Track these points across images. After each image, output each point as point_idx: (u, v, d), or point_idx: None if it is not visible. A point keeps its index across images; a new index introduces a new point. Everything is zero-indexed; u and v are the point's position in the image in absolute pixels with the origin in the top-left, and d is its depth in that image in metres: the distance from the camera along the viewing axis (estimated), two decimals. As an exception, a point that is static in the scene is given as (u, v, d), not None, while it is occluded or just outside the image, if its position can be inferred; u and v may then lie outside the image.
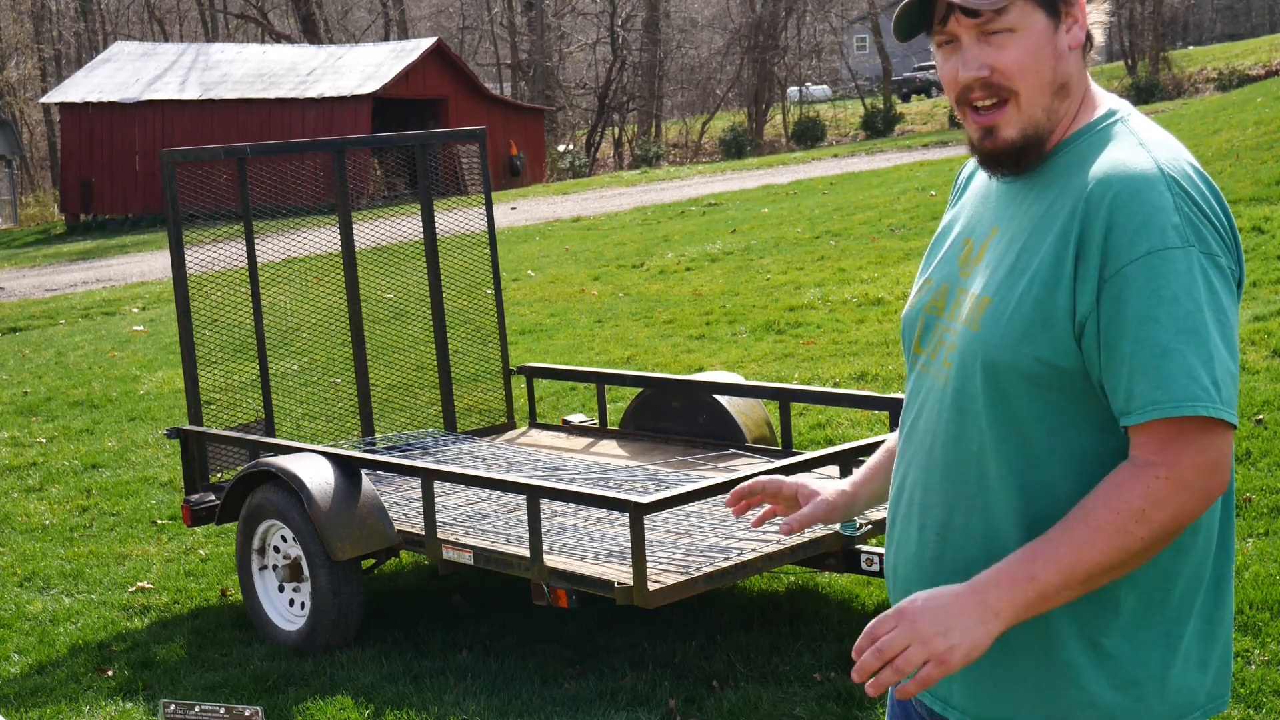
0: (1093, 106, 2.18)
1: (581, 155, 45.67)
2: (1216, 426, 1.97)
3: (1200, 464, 1.97)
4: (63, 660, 5.85)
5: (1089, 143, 2.13)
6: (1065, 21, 2.13)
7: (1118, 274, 2.00)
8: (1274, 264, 9.96)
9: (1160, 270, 1.98)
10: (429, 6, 58.52)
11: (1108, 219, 2.02)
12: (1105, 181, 2.04)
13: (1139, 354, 1.98)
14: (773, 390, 6.48)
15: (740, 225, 18.35)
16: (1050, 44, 2.12)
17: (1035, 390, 2.08)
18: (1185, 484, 1.97)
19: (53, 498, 8.49)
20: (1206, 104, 24.58)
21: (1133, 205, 2.01)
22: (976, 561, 2.14)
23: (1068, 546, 1.98)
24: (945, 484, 2.19)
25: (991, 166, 2.20)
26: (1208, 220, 2.03)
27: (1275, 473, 6.16)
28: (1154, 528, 1.97)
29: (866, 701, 4.70)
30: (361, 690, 5.17)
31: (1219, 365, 1.97)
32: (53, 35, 53.50)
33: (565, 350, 11.21)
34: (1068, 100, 2.15)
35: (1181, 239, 1.99)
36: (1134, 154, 2.07)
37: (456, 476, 5.38)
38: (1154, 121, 2.21)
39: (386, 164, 30.31)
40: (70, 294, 20.34)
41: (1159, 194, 2.01)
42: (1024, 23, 2.11)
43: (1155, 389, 1.97)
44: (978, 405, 2.14)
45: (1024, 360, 2.07)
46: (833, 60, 56.37)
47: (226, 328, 6.81)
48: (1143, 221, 2.00)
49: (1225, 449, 1.99)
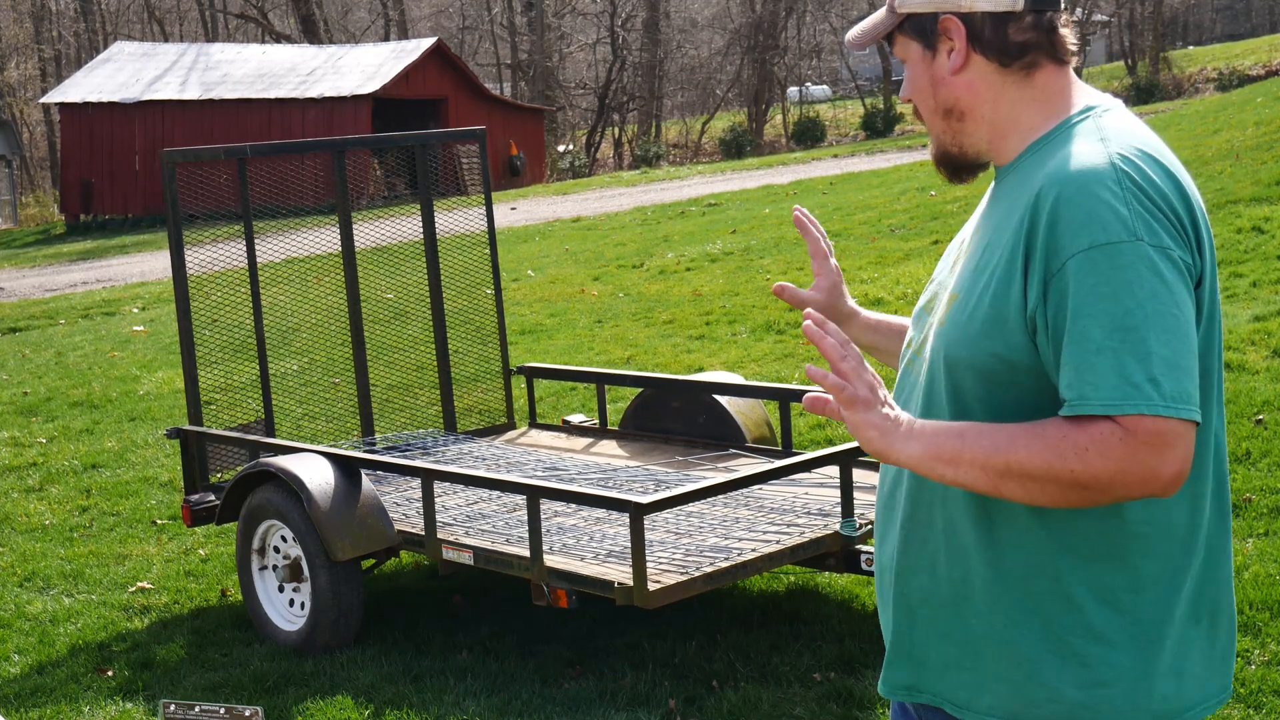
0: (1067, 109, 2.19)
1: (581, 155, 45.67)
2: (1166, 421, 1.94)
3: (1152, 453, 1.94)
4: (63, 660, 5.85)
5: (1056, 141, 2.14)
6: (942, 47, 2.19)
7: (1061, 269, 2.00)
8: (1274, 264, 9.95)
9: (1100, 265, 1.97)
10: (429, 6, 58.52)
11: (1052, 213, 2.02)
12: (1053, 176, 2.05)
13: (1076, 350, 1.97)
14: (773, 390, 6.48)
15: (740, 225, 18.35)
16: (926, 72, 2.21)
17: (990, 387, 2.10)
18: (1136, 457, 1.94)
19: (53, 498, 8.50)
20: (1206, 104, 24.58)
21: (1078, 199, 2.01)
22: (939, 554, 2.18)
23: (1005, 434, 2.00)
24: (911, 478, 2.22)
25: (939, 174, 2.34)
26: (1160, 213, 2.00)
27: (1275, 473, 6.16)
28: (1088, 471, 1.94)
29: (866, 701, 4.70)
30: (361, 690, 5.17)
31: (1157, 361, 1.94)
32: (53, 35, 53.50)
33: (565, 350, 11.21)
34: (969, 122, 2.21)
35: (1129, 233, 1.97)
36: (1089, 148, 2.07)
37: (456, 476, 5.38)
38: (1149, 125, 2.20)
39: (386, 164, 30.33)
40: (70, 294, 20.34)
41: (1105, 187, 2.00)
42: (906, 53, 2.22)
43: (1087, 386, 1.96)
44: (942, 401, 2.17)
45: (981, 356, 2.09)
46: (833, 60, 56.37)
47: (226, 328, 6.81)
48: (1087, 215, 1.99)
49: (1179, 446, 1.95)
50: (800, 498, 5.60)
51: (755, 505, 5.56)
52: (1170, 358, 1.95)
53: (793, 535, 5.11)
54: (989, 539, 2.13)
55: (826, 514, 5.32)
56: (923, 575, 2.21)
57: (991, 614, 2.12)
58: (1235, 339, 8.10)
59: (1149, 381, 1.93)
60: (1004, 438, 2.00)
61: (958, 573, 2.17)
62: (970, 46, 2.17)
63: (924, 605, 2.22)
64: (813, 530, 5.13)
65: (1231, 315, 8.76)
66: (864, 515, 5.13)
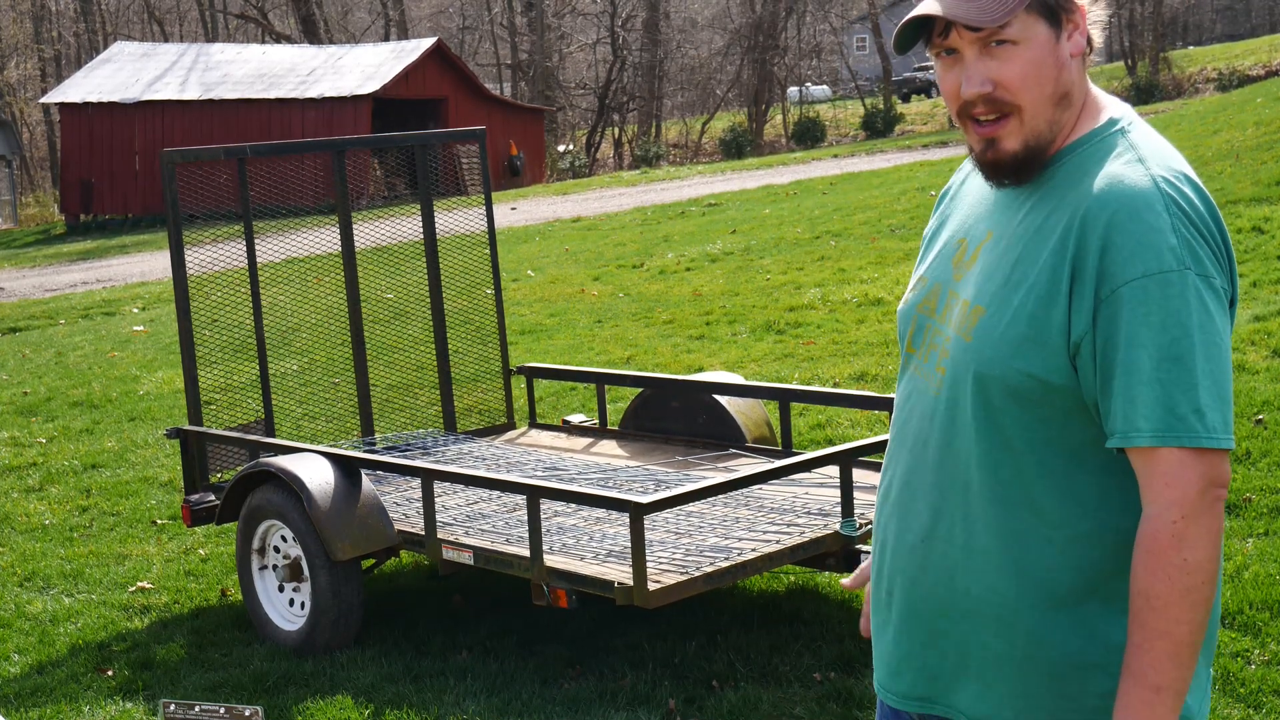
0: (1094, 114, 2.17)
1: (581, 155, 45.66)
2: (1207, 452, 1.98)
3: (1201, 489, 1.98)
4: (63, 660, 5.85)
5: (1088, 153, 2.12)
6: (1066, 29, 2.11)
7: (1112, 295, 2.00)
8: (1274, 264, 9.95)
9: (1153, 294, 1.98)
10: (429, 6, 58.51)
11: (1104, 238, 2.01)
12: (1102, 199, 2.03)
13: (1126, 379, 1.99)
14: (773, 390, 6.47)
15: (740, 225, 18.35)
16: (1053, 55, 2.09)
17: (1023, 405, 2.09)
18: (1199, 512, 1.98)
19: (53, 498, 8.49)
20: (1206, 104, 24.58)
21: (1129, 226, 2.00)
22: (957, 569, 2.17)
23: (1158, 640, 1.98)
24: (933, 491, 2.20)
25: (993, 176, 2.18)
26: (1204, 240, 2.02)
27: (1275, 473, 6.16)
28: (1206, 567, 1.98)
29: (866, 701, 4.70)
30: (361, 690, 5.17)
31: (1203, 392, 1.97)
32: (53, 35, 53.50)
33: (565, 350, 11.21)
34: (1069, 110, 2.13)
35: (1178, 262, 1.98)
36: (1133, 170, 2.06)
37: (456, 476, 5.38)
38: (1152, 127, 2.19)
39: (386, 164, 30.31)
40: (70, 294, 20.34)
41: (1156, 215, 2.00)
42: (1026, 35, 2.08)
43: (1139, 417, 1.98)
44: (966, 416, 2.14)
45: (1014, 375, 2.07)
46: (833, 60, 56.38)
47: (226, 328, 6.80)
48: (1139, 243, 1.99)
49: (1219, 469, 2.00)
50: (800, 498, 5.60)
51: (755, 505, 5.55)
52: (1212, 389, 1.98)
53: (793, 535, 5.11)
54: (1009, 554, 2.12)
55: (826, 514, 5.32)
56: (941, 589, 2.20)
57: (1013, 628, 2.12)
58: (1235, 339, 8.11)
59: (1195, 413, 1.97)
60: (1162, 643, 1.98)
61: (977, 587, 2.15)
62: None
63: (942, 617, 2.20)
64: (813, 530, 5.13)
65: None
66: (864, 515, 5.13)
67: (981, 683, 2.17)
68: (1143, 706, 1.98)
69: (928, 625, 2.22)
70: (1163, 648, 1.97)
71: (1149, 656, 1.98)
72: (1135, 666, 1.99)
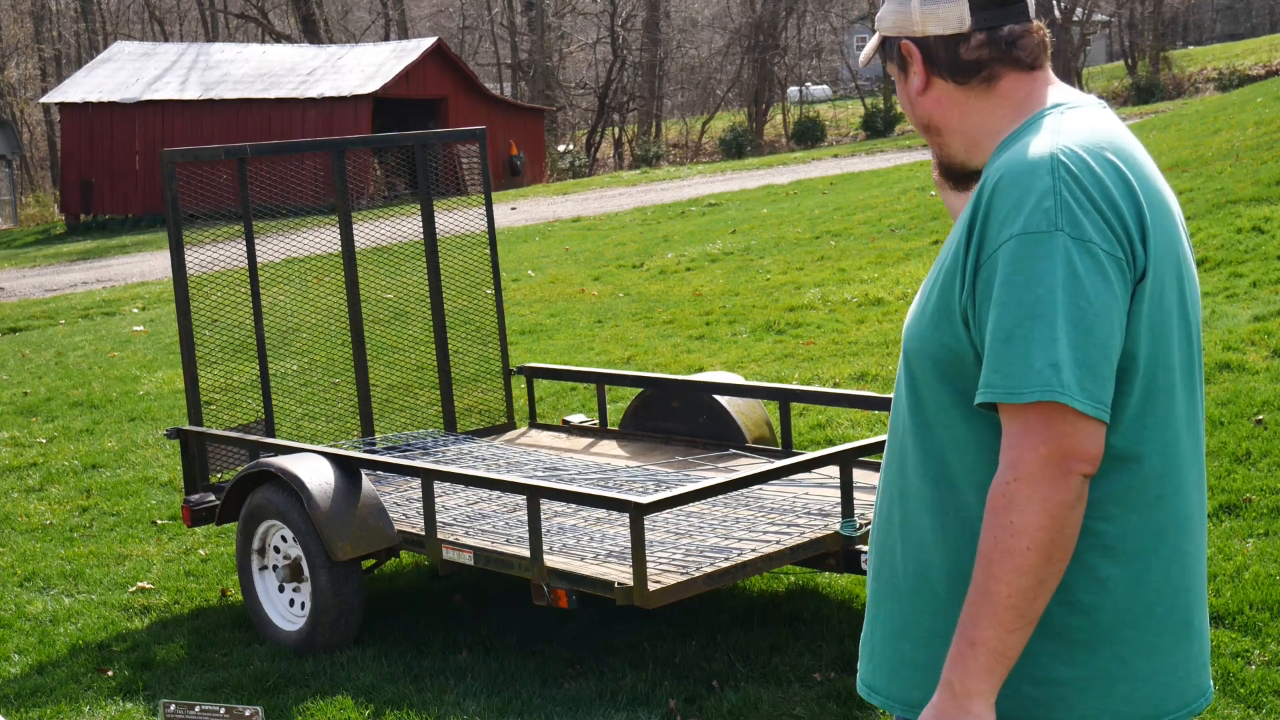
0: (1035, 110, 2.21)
1: (581, 155, 45.66)
2: (1064, 413, 1.95)
3: (1044, 455, 1.96)
4: (63, 660, 5.85)
5: (1015, 137, 2.18)
6: (909, 70, 2.28)
7: (989, 259, 2.03)
8: (1274, 264, 9.95)
9: (1018, 254, 2.00)
10: (429, 6, 58.51)
11: (988, 205, 2.06)
12: (995, 171, 2.09)
13: (990, 339, 2.01)
14: (773, 390, 6.47)
15: (740, 225, 18.35)
16: (904, 91, 2.32)
17: (940, 380, 2.13)
18: (1035, 478, 1.96)
19: (53, 498, 8.50)
20: (1206, 104, 24.57)
21: (1009, 190, 2.04)
22: (896, 548, 2.21)
23: (979, 596, 1.99)
24: (887, 472, 2.27)
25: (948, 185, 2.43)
26: (1092, 206, 2.01)
27: (1275, 473, 6.16)
28: (1031, 533, 1.96)
29: (866, 702, 4.70)
30: (361, 690, 5.17)
31: (1063, 350, 1.95)
32: (53, 35, 53.50)
33: (565, 350, 11.21)
34: (943, 135, 2.29)
35: (1049, 224, 1.99)
36: (1037, 141, 2.09)
37: (456, 477, 5.38)
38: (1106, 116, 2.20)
39: (386, 164, 30.33)
40: (70, 294, 20.34)
41: (1037, 178, 2.03)
42: (893, 75, 2.35)
43: (993, 373, 1.99)
44: (901, 389, 2.22)
45: (931, 346, 2.13)
46: (833, 60, 56.36)
47: (226, 328, 6.80)
48: (1013, 206, 2.03)
49: (1073, 439, 1.96)
50: (800, 498, 5.60)
51: (755, 505, 5.56)
52: (1078, 349, 1.96)
53: (793, 535, 5.11)
54: (944, 532, 2.14)
55: (826, 514, 5.32)
56: (884, 570, 2.24)
57: (949, 609, 2.12)
58: (1235, 339, 8.10)
59: (1052, 368, 1.95)
60: (981, 601, 2.00)
61: (913, 566, 2.18)
62: (927, 68, 2.25)
63: (888, 600, 2.24)
64: (813, 530, 5.13)
65: (1231, 315, 8.76)
66: (864, 515, 5.13)
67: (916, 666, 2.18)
68: (957, 657, 2.01)
69: (877, 608, 2.27)
70: (981, 604, 1.99)
71: (969, 610, 2.00)
72: (962, 618, 2.02)
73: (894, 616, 2.22)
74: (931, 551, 2.15)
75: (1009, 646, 1.99)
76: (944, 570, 2.14)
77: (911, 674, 2.19)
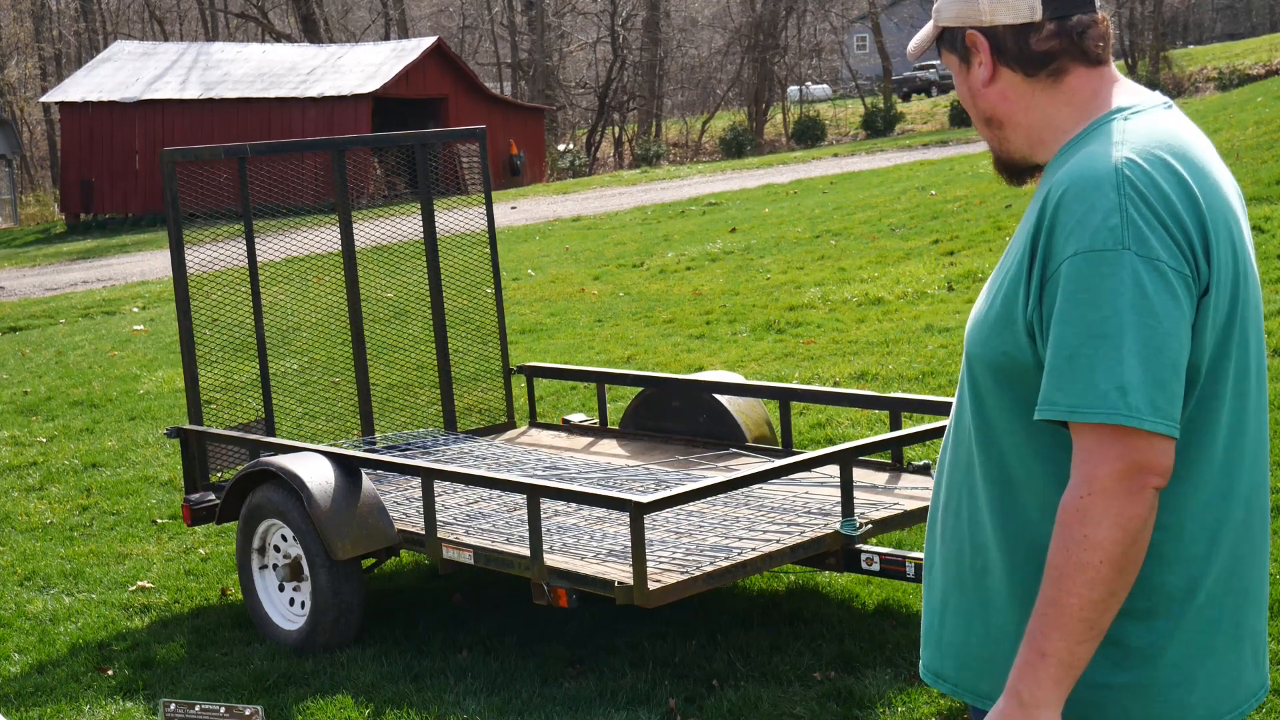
0: (1101, 110, 2.19)
1: (581, 155, 45.67)
2: (1132, 433, 1.96)
3: (1117, 470, 1.96)
4: (63, 660, 5.85)
5: (1080, 143, 2.15)
6: (973, 61, 2.25)
7: (1053, 275, 2.03)
8: (1274, 264, 9.95)
9: (1083, 272, 1.99)
10: (429, 6, 58.51)
11: (1053, 219, 2.05)
12: (1060, 182, 2.07)
13: (1053, 354, 2.01)
14: (773, 390, 6.47)
15: (740, 225, 18.35)
16: (965, 83, 2.28)
17: (1001, 385, 2.14)
18: (1109, 493, 1.97)
19: (53, 497, 8.49)
20: (1207, 103, 24.57)
21: (1074, 205, 2.03)
22: (964, 547, 2.23)
23: (1049, 608, 2.00)
24: (952, 471, 2.28)
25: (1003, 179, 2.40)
26: (1158, 222, 2.00)
27: (1275, 473, 6.16)
28: (1105, 547, 1.97)
29: (866, 701, 4.70)
30: (361, 690, 5.17)
31: (1130, 370, 1.95)
32: (53, 35, 53.51)
33: (565, 350, 11.20)
34: (1004, 129, 2.26)
35: (1115, 241, 1.98)
36: (1101, 151, 2.08)
37: (456, 476, 5.38)
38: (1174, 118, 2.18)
39: (386, 164, 30.33)
40: (70, 293, 20.34)
41: (1103, 194, 2.01)
42: (949, 65, 2.32)
43: (1055, 390, 2.00)
44: (964, 393, 2.24)
45: (992, 354, 2.14)
46: (833, 60, 56.37)
47: (226, 327, 6.80)
48: (1078, 222, 2.01)
49: (1145, 453, 1.97)
50: (800, 497, 5.60)
51: (755, 505, 5.55)
52: (1142, 368, 1.96)
53: (793, 535, 5.10)
54: (1003, 533, 2.17)
55: (826, 513, 5.32)
56: (952, 564, 2.26)
57: (1009, 607, 2.16)
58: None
59: (1118, 390, 1.95)
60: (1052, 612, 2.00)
61: (979, 563, 2.21)
62: (995, 59, 2.21)
63: (955, 594, 2.27)
64: (813, 530, 5.13)
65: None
66: (864, 515, 5.14)
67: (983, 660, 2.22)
68: (1026, 668, 2.03)
69: (945, 601, 2.29)
70: (1051, 615, 1.99)
71: (1039, 621, 2.01)
72: (1030, 628, 2.03)
73: (962, 609, 2.25)
74: (993, 552, 2.19)
75: (1078, 658, 2.00)
76: (1004, 572, 2.17)
77: (980, 666, 2.23)
